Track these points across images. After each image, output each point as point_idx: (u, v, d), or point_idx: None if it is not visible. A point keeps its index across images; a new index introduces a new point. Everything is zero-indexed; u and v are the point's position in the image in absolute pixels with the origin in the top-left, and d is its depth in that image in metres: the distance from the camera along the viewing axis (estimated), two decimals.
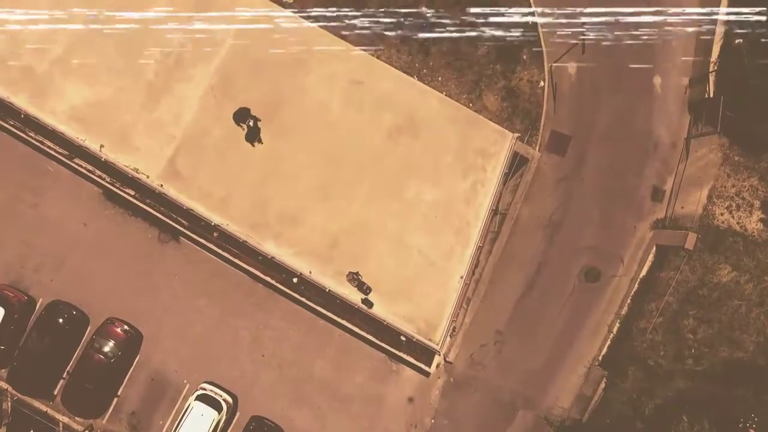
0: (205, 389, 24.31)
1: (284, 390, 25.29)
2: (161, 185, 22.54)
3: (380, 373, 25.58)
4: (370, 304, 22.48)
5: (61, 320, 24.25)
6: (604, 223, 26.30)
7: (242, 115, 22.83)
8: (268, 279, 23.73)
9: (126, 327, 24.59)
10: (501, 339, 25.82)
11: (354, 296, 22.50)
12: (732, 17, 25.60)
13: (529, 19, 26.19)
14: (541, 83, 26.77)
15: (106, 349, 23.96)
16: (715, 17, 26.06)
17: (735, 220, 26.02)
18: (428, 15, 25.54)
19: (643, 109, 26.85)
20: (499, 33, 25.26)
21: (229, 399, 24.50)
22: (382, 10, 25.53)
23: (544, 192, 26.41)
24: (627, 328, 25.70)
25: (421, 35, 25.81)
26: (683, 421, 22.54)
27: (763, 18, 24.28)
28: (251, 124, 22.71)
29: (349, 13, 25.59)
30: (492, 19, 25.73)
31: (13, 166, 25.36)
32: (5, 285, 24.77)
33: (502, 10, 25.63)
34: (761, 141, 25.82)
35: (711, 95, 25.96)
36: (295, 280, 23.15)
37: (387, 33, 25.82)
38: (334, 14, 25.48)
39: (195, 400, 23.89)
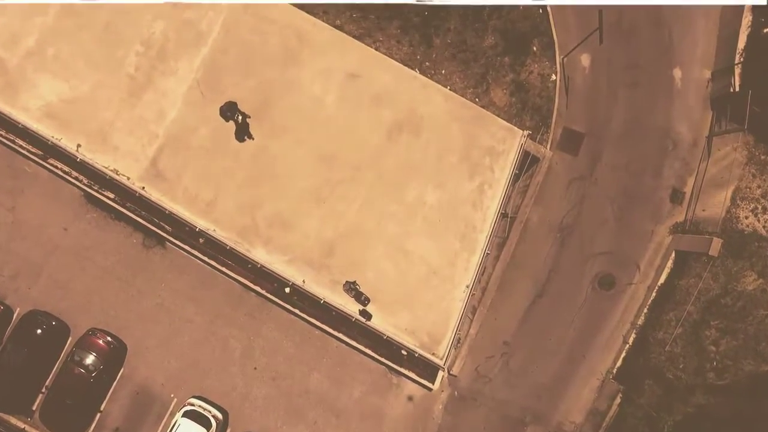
0: (193, 404, 23.42)
1: (278, 404, 24.44)
2: (143, 187, 21.78)
3: (380, 386, 24.70)
4: (368, 316, 21.81)
5: (39, 331, 23.23)
6: (619, 227, 25.33)
7: (230, 110, 21.79)
8: (258, 289, 22.66)
9: (109, 338, 23.67)
10: (509, 351, 24.98)
11: (351, 307, 21.79)
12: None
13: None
14: (553, 77, 25.61)
15: (88, 361, 23.00)
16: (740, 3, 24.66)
17: (761, 223, 25.13)
18: None
19: (662, 104, 25.77)
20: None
21: (219, 415, 23.61)
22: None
23: (555, 194, 25.48)
24: (644, 339, 24.97)
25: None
26: None
27: None
28: (239, 119, 21.76)
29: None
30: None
31: None
32: None
33: None
34: None
35: (736, 89, 24.57)
36: (287, 289, 22.40)
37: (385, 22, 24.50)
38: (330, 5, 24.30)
39: (182, 416, 23.00)
